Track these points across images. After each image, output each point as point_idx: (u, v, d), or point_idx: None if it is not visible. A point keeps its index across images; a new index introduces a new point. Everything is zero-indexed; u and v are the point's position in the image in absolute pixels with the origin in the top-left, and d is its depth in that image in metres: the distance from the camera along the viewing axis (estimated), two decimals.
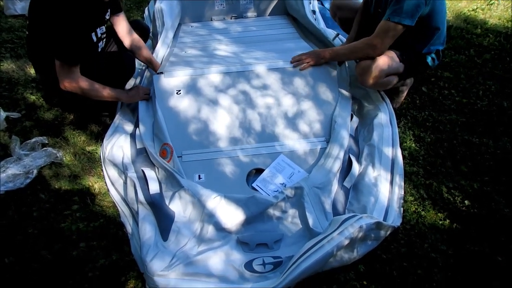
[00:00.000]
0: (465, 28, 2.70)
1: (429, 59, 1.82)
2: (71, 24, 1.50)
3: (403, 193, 1.53)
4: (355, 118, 1.80)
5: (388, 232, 1.32)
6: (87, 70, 1.63)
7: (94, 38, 1.68)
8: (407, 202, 1.54)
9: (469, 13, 2.90)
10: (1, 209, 1.56)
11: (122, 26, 1.85)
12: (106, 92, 1.68)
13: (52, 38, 1.51)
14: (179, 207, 1.41)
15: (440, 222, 1.46)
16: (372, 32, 1.68)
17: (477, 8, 2.95)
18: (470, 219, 1.47)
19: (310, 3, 2.57)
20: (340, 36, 2.24)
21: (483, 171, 1.67)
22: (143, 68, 2.17)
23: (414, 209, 1.52)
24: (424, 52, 1.79)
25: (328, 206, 1.41)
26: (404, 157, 1.70)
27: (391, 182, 1.54)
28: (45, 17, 1.53)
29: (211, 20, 2.79)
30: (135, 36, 1.90)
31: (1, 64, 2.45)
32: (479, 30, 2.68)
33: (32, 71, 2.37)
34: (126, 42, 1.89)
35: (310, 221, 1.34)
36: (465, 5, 3.03)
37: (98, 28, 1.70)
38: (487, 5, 3.00)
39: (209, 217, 1.34)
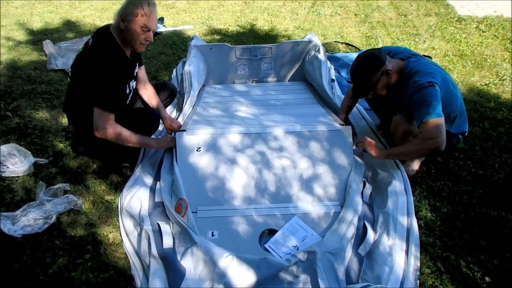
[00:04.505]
0: (478, 102, 2.78)
1: (454, 139, 1.92)
2: (112, 77, 1.68)
3: (419, 264, 1.48)
4: (368, 185, 1.82)
5: None
6: (116, 121, 1.77)
7: (127, 90, 1.87)
8: (424, 274, 1.49)
9: (481, 87, 3.00)
10: (16, 253, 1.59)
11: (141, 75, 2.05)
12: (136, 139, 1.80)
13: (93, 89, 1.68)
14: (191, 264, 1.40)
15: None
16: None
17: (489, 83, 3.06)
18: None
19: (328, 70, 2.70)
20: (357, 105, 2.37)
21: (503, 247, 1.61)
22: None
23: (431, 282, 1.46)
24: (454, 132, 1.88)
25: (341, 274, 1.38)
26: (419, 226, 1.68)
27: (407, 252, 1.50)
28: (87, 71, 1.71)
29: (234, 83, 2.98)
30: (149, 86, 2.10)
31: (37, 113, 2.65)
32: (492, 103, 2.75)
33: (63, 121, 2.55)
34: (141, 89, 2.09)
35: None
36: (478, 79, 3.14)
37: (131, 81, 1.89)
38: (499, 80, 3.11)
39: (220, 277, 1.33)
